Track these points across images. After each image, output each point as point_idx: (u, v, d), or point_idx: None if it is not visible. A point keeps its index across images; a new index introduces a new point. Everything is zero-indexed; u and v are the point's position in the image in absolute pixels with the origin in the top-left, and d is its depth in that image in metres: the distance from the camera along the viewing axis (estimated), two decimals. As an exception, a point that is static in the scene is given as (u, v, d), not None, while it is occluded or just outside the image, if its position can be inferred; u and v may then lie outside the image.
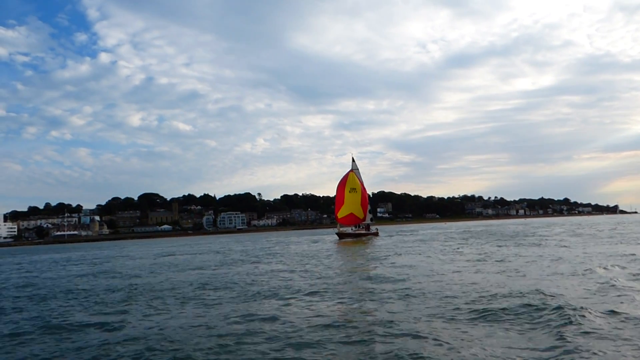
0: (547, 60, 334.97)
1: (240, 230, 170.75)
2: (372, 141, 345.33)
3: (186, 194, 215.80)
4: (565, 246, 29.17)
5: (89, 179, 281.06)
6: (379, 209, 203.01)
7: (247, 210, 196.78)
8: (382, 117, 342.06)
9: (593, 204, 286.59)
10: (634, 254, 21.67)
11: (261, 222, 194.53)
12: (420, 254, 28.13)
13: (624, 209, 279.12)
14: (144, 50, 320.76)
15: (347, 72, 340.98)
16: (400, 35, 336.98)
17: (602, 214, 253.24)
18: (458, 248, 32.20)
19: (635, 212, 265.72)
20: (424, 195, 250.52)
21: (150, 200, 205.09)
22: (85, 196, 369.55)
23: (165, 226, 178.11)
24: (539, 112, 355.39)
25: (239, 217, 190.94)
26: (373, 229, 62.87)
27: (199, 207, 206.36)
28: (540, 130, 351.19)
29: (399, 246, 37.38)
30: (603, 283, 13.51)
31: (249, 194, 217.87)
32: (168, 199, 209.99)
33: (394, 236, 61.90)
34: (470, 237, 48.68)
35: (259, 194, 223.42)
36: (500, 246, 31.93)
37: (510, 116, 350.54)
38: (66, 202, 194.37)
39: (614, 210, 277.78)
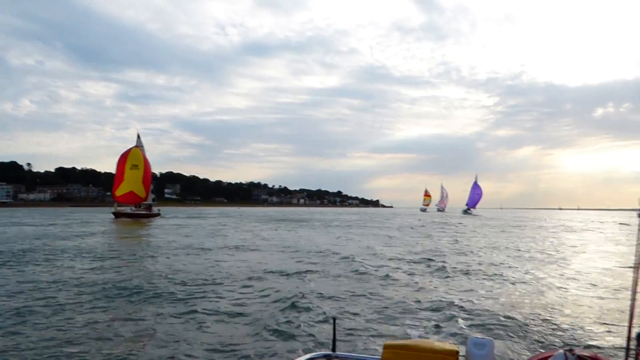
0: (334, 62, 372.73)
1: (4, 204, 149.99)
2: (159, 118, 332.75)
3: None
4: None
5: None
6: (166, 190, 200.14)
7: (13, 182, 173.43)
8: (172, 94, 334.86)
9: (360, 197, 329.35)
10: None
11: (31, 196, 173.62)
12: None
13: (383, 203, 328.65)
14: None
15: (138, 40, 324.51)
16: (200, 12, 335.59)
17: (368, 206, 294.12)
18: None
19: (392, 207, 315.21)
20: (212, 179, 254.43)
21: None
22: None
23: None
24: (323, 110, 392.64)
25: (3, 188, 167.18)
26: (155, 209, 63.73)
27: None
28: (322, 127, 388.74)
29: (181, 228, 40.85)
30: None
31: (15, 162, 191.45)
32: None
33: (177, 218, 64.54)
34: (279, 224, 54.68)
35: (29, 164, 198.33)
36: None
37: (298, 110, 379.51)
38: None
39: (375, 204, 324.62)
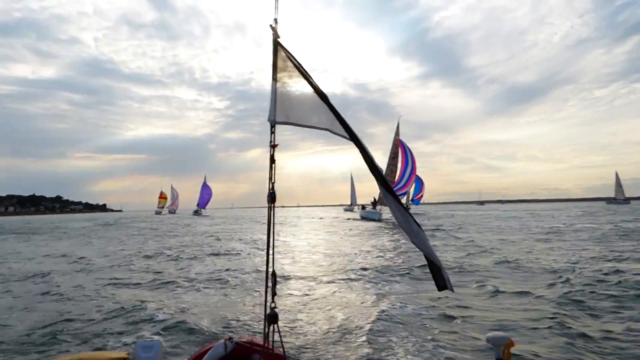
0: (51, 51, 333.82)
1: None
2: None
3: None
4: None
5: None
6: None
7: None
8: None
9: (84, 202, 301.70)
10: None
11: None
12: None
13: (112, 207, 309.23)
14: None
15: None
16: None
17: (94, 211, 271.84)
18: None
19: (121, 210, 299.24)
20: None
21: None
22: None
23: None
24: (36, 104, 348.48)
25: None
26: None
27: None
28: (36, 123, 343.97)
29: None
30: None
31: None
32: None
33: None
34: None
35: None
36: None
37: (3, 103, 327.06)
38: None
39: (103, 208, 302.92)
